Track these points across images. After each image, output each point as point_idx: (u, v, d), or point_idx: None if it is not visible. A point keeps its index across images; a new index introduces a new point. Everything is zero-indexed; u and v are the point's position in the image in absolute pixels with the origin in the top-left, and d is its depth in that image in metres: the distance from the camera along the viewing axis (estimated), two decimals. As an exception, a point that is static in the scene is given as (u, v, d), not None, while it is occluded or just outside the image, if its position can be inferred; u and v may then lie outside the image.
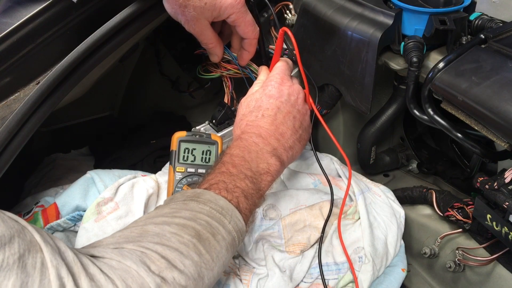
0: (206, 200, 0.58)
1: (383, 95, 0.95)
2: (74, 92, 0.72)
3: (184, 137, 0.76)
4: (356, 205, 0.80)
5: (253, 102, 0.74)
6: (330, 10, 0.81)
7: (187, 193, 0.60)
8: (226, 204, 0.58)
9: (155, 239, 0.52)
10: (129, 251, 0.50)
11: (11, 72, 0.64)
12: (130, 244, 0.51)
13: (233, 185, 0.61)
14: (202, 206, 0.57)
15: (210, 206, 0.57)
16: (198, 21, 0.71)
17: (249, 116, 0.72)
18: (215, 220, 0.56)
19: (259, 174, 0.65)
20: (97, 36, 0.67)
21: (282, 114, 0.72)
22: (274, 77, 0.75)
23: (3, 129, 0.60)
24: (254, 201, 0.63)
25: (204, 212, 0.56)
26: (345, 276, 0.72)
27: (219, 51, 0.79)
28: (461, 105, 0.67)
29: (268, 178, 0.66)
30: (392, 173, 1.05)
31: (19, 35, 0.64)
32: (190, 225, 0.54)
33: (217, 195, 0.59)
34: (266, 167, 0.66)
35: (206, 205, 0.57)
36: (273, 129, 0.70)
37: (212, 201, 0.58)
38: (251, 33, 0.77)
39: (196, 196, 0.58)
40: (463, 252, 0.76)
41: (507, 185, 0.65)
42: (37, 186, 0.93)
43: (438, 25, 0.71)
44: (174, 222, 0.54)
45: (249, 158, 0.65)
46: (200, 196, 0.58)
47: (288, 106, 0.73)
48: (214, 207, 0.57)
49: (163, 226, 0.54)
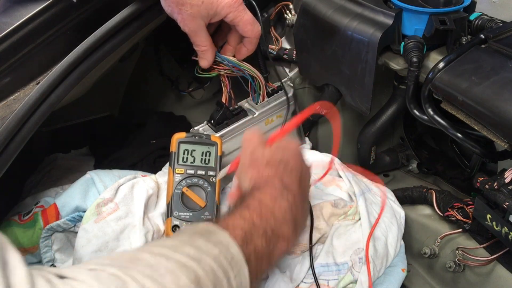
0: (217, 242, 0.48)
1: (383, 95, 0.95)
2: (74, 92, 0.72)
3: (183, 138, 0.76)
4: (356, 206, 0.80)
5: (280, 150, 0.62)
6: (330, 10, 0.81)
7: (199, 226, 0.51)
8: (237, 254, 0.48)
9: (146, 270, 0.42)
10: (109, 276, 0.41)
11: (11, 72, 0.64)
12: (114, 269, 0.41)
13: (250, 238, 0.51)
14: (211, 247, 0.47)
15: (220, 250, 0.47)
16: (194, 20, 0.70)
17: (279, 164, 0.60)
18: (221, 269, 0.46)
19: (277, 237, 0.53)
20: (97, 36, 0.67)
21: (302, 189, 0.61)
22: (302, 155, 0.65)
23: (3, 129, 0.60)
24: (261, 267, 0.52)
25: (211, 255, 0.46)
26: (345, 277, 0.72)
27: (210, 55, 0.78)
28: (461, 105, 0.67)
29: (283, 247, 0.54)
30: (392, 173, 1.05)
31: (19, 35, 0.64)
32: (191, 267, 0.45)
33: (232, 239, 0.49)
34: (288, 233, 0.55)
35: (216, 247, 0.47)
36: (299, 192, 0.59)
37: (224, 245, 0.48)
38: (251, 32, 0.76)
39: (207, 233, 0.49)
40: (463, 252, 0.76)
41: (507, 185, 0.65)
42: (37, 186, 0.93)
43: (438, 25, 0.71)
44: (174, 258, 0.45)
45: (278, 214, 0.55)
46: (212, 234, 0.49)
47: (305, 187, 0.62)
48: (224, 252, 0.47)
49: (160, 259, 0.45)
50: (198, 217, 0.73)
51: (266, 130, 0.88)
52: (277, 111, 0.87)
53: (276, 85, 0.88)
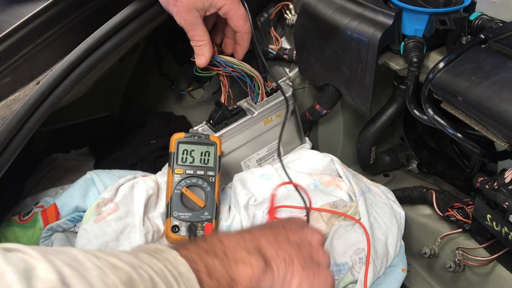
0: (164, 259, 0.45)
1: (383, 95, 0.96)
2: (74, 92, 0.72)
3: (182, 139, 0.76)
4: (356, 206, 0.80)
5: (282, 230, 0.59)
6: (330, 10, 0.81)
7: (149, 245, 0.49)
8: (187, 272, 0.45)
9: (70, 261, 0.38)
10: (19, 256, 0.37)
11: (11, 72, 0.64)
12: (35, 252, 0.38)
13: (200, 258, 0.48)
14: (155, 262, 0.44)
15: (165, 265, 0.44)
16: (190, 12, 0.69)
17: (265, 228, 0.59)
18: (164, 282, 0.42)
19: (234, 261, 0.51)
20: (97, 36, 0.67)
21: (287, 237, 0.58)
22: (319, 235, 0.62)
23: (3, 129, 0.60)
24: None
25: (154, 268, 0.43)
26: (346, 277, 0.72)
27: (207, 51, 0.75)
28: (461, 105, 0.67)
29: (247, 271, 0.51)
30: (392, 173, 1.05)
31: (19, 35, 0.64)
32: (124, 269, 0.41)
33: (181, 258, 0.46)
34: (247, 257, 0.52)
35: (160, 262, 0.44)
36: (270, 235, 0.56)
37: (171, 262, 0.45)
38: (242, 27, 0.76)
39: (156, 250, 0.47)
40: (463, 252, 0.76)
41: (507, 185, 0.65)
42: (37, 186, 0.93)
43: (438, 25, 0.71)
44: (106, 259, 0.41)
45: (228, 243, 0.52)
46: (160, 253, 0.46)
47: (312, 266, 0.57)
48: (170, 268, 0.44)
49: (90, 257, 0.41)
50: (198, 217, 0.73)
51: (265, 129, 0.88)
52: (276, 111, 0.87)
53: (275, 84, 0.88)
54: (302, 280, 0.55)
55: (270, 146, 0.91)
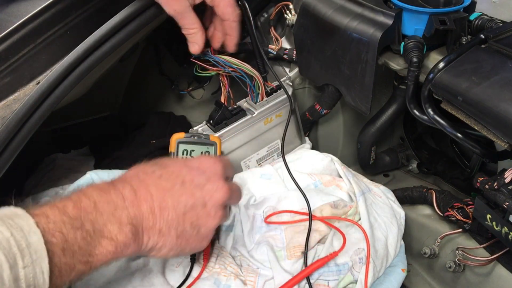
0: (16, 226, 0.42)
1: (383, 95, 0.96)
2: (74, 92, 0.72)
3: (182, 139, 0.76)
4: (356, 206, 0.80)
5: (165, 160, 0.61)
6: (330, 10, 0.81)
7: (10, 208, 0.46)
8: (37, 243, 0.42)
9: None
10: None
11: (11, 72, 0.64)
12: None
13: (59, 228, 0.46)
14: (4, 229, 0.41)
15: (12, 234, 0.41)
16: (178, 0, 0.68)
17: (146, 167, 0.58)
18: (4, 254, 0.40)
19: (100, 235, 0.49)
20: (97, 36, 0.67)
21: (182, 190, 0.56)
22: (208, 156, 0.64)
23: (3, 129, 0.60)
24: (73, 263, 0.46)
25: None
26: (346, 277, 0.72)
27: (200, 38, 0.74)
28: (461, 105, 0.67)
29: (109, 247, 0.49)
30: (392, 173, 1.05)
31: (19, 35, 0.64)
32: None
33: (35, 227, 0.43)
34: (115, 232, 0.50)
35: (8, 230, 0.41)
36: (157, 195, 0.54)
37: (24, 231, 0.42)
38: (230, 14, 0.73)
39: (12, 215, 0.44)
40: (463, 252, 0.76)
41: (507, 185, 0.65)
42: (37, 186, 0.93)
43: (438, 25, 0.71)
44: None
45: (102, 209, 0.50)
46: (16, 217, 0.44)
47: (197, 191, 0.57)
48: (18, 238, 0.41)
49: None
50: (198, 217, 0.72)
51: (265, 129, 0.88)
52: (276, 111, 0.87)
53: (275, 84, 0.88)
54: (172, 248, 0.55)
55: (270, 146, 0.91)
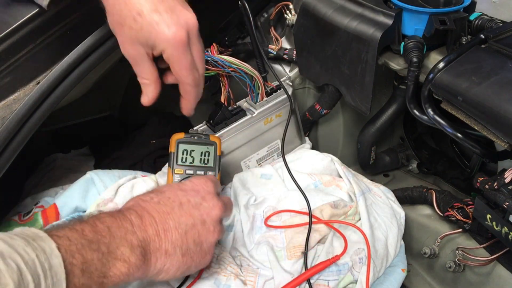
0: (39, 248, 0.44)
1: (383, 95, 0.96)
2: (74, 92, 0.72)
3: (182, 139, 0.75)
4: (356, 206, 0.80)
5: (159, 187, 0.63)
6: (330, 10, 0.81)
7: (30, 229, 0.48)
8: (58, 266, 0.44)
9: None
10: None
11: (11, 72, 0.64)
12: None
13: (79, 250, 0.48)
14: (30, 251, 0.43)
15: (37, 256, 0.43)
16: (133, 45, 0.60)
17: (143, 196, 0.60)
18: (30, 274, 0.42)
19: (114, 257, 0.51)
20: (97, 36, 0.67)
21: (181, 212, 0.59)
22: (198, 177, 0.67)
23: (3, 129, 0.60)
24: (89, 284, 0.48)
25: (25, 258, 0.43)
26: (346, 277, 0.72)
27: (151, 91, 0.67)
28: (461, 105, 0.67)
29: (122, 269, 0.52)
30: (392, 173, 1.05)
31: (19, 35, 0.64)
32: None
33: (57, 250, 0.45)
34: (127, 254, 0.52)
35: (34, 252, 0.43)
36: (159, 219, 0.57)
37: (46, 253, 0.44)
38: (185, 77, 0.63)
39: (33, 239, 0.45)
40: (463, 252, 0.76)
41: (507, 185, 0.65)
42: (37, 186, 0.93)
43: (438, 25, 0.71)
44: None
45: (115, 233, 0.53)
46: (38, 240, 0.45)
47: (195, 211, 0.60)
48: (42, 260, 0.43)
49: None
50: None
51: (265, 129, 0.88)
52: (276, 111, 0.87)
53: (275, 84, 0.88)
54: (179, 267, 0.58)
55: (270, 146, 0.91)
